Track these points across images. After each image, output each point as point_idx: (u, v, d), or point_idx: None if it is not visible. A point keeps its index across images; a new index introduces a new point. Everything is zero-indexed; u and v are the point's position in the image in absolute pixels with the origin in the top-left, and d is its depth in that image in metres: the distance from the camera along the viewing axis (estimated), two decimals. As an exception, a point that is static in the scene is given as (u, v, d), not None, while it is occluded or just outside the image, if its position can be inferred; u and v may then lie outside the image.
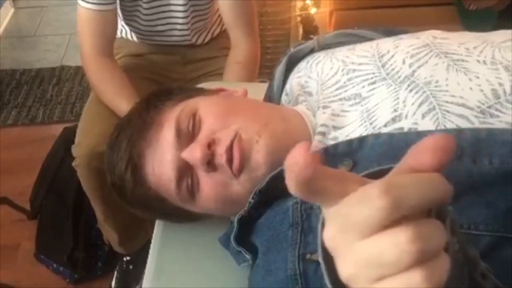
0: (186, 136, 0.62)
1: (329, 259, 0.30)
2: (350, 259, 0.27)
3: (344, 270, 0.28)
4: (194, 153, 0.60)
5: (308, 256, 0.50)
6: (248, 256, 0.57)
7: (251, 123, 0.62)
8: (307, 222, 0.53)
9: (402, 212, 0.26)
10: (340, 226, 0.28)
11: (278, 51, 2.16)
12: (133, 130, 0.65)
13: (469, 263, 0.34)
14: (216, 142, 0.60)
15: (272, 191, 0.58)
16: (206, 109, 0.63)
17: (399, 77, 0.61)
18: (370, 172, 0.35)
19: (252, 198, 0.58)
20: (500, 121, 0.53)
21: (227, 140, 0.59)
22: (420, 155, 0.29)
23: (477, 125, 0.53)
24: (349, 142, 0.56)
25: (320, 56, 0.72)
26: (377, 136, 0.55)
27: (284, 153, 0.59)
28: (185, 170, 0.62)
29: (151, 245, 0.76)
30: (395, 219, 0.26)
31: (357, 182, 0.29)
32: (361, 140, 0.55)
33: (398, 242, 0.26)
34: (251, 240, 0.58)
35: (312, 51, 0.74)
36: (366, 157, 0.54)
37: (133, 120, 0.67)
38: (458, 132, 0.51)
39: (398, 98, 0.58)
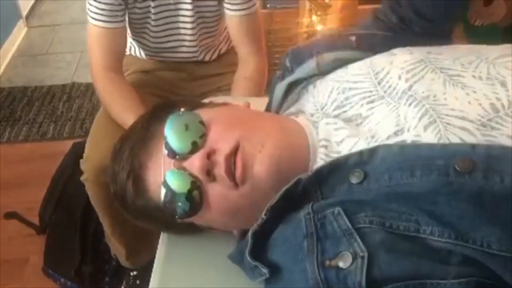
0: None
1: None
2: None
3: None
4: (193, 163, 0.60)
5: (327, 262, 0.50)
6: (265, 270, 0.56)
7: (253, 133, 0.62)
8: (322, 231, 0.53)
9: None
10: None
11: (285, 68, 2.19)
12: (135, 141, 0.66)
13: None
14: (216, 152, 0.60)
15: (284, 204, 0.58)
16: (208, 120, 0.64)
17: (396, 93, 0.61)
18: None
19: (265, 214, 0.58)
20: (501, 134, 0.53)
21: (226, 150, 0.60)
22: None
23: (479, 137, 0.53)
24: (360, 154, 0.56)
25: (315, 81, 0.73)
26: (388, 147, 0.55)
27: (285, 163, 0.60)
28: None
29: (155, 260, 0.76)
30: None
31: None
32: (372, 151, 0.56)
33: None
34: (267, 256, 0.58)
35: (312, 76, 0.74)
36: (377, 169, 0.54)
37: (135, 132, 0.68)
38: (471, 147, 0.52)
39: (399, 115, 0.59)
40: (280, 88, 0.76)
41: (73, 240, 1.58)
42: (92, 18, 1.25)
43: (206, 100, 1.08)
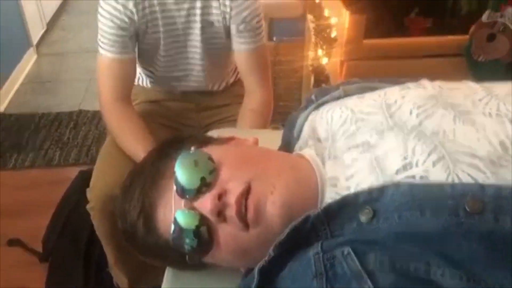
0: None
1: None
2: None
3: None
4: (204, 204, 0.61)
5: None
6: None
7: (263, 173, 0.62)
8: (332, 271, 0.52)
9: None
10: None
11: (290, 98, 2.21)
12: (146, 179, 0.66)
13: None
14: (227, 193, 0.60)
15: (292, 241, 0.58)
16: (218, 158, 0.64)
17: (406, 127, 0.62)
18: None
19: (273, 250, 0.58)
20: (511, 172, 0.53)
21: (237, 191, 0.60)
22: None
23: (488, 175, 0.53)
24: (370, 192, 0.56)
25: (331, 103, 0.74)
26: (397, 185, 0.55)
27: (296, 204, 0.60)
28: None
29: (162, 291, 0.76)
30: None
31: None
32: (381, 189, 0.56)
33: None
34: None
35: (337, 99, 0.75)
36: (387, 207, 0.54)
37: (146, 169, 0.68)
38: (481, 187, 0.52)
39: (407, 147, 0.59)
40: (304, 115, 0.77)
41: (76, 267, 1.57)
42: (103, 48, 1.27)
43: (212, 132, 1.10)
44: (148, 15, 1.26)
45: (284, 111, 1.98)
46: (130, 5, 1.23)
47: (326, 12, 1.64)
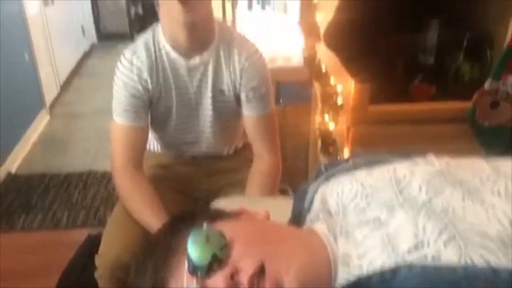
0: None
1: None
2: None
3: None
4: (216, 283, 0.61)
5: None
6: None
7: (276, 252, 0.63)
8: None
9: None
10: None
11: (297, 159, 2.23)
12: (158, 255, 0.67)
13: None
14: (239, 272, 0.61)
15: None
16: (229, 235, 0.65)
17: (416, 203, 0.63)
18: None
19: None
20: None
21: (250, 270, 0.60)
22: None
23: (499, 255, 0.54)
24: (382, 273, 0.57)
25: (340, 176, 0.76)
26: (409, 267, 0.56)
27: (310, 283, 0.60)
28: None
29: None
30: None
31: None
32: (394, 271, 0.56)
33: None
34: None
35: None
36: None
37: (159, 246, 0.69)
38: (493, 271, 0.52)
39: (417, 224, 0.60)
40: (314, 187, 0.78)
41: (80, 336, 1.53)
42: (117, 115, 1.31)
43: (221, 201, 1.11)
44: (162, 84, 1.31)
45: (291, 172, 1.99)
46: (145, 74, 1.28)
47: (332, 80, 1.70)
